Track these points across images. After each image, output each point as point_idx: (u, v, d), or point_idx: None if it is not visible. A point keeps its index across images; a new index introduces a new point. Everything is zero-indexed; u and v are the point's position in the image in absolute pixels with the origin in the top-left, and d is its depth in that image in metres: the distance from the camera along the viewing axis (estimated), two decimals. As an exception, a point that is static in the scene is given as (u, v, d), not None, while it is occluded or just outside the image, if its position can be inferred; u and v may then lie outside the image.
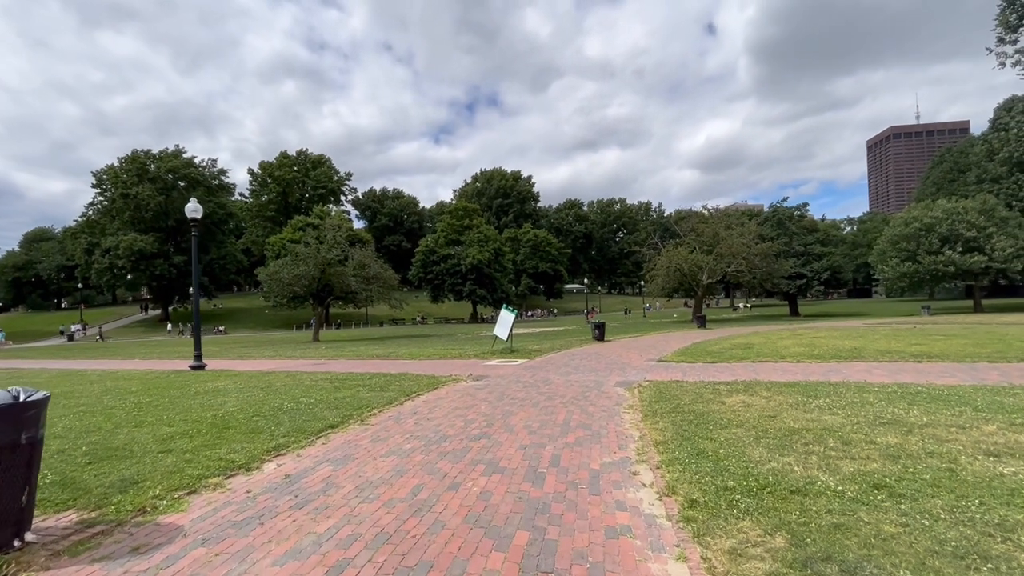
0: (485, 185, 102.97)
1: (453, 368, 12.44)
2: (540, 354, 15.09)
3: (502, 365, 12.76)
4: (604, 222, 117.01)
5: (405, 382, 9.62)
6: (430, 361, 14.59)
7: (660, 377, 9.75)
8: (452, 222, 66.91)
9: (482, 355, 15.25)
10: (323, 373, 11.76)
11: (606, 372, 10.84)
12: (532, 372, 11.21)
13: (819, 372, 9.52)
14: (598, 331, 19.85)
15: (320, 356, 17.88)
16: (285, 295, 34.53)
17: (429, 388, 8.90)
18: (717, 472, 3.88)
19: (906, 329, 19.95)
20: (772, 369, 10.28)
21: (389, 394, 8.14)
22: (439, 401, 7.69)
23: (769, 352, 13.13)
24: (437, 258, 64.05)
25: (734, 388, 7.80)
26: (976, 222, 35.75)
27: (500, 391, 8.57)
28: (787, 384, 7.93)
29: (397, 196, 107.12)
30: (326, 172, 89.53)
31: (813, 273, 46.65)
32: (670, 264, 38.78)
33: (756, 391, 7.40)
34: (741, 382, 8.45)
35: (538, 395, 8.09)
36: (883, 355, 11.53)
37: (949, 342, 13.57)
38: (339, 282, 34.49)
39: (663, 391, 7.90)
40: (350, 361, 15.72)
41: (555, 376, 10.44)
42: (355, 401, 7.51)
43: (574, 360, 13.41)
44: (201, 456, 4.66)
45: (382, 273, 36.17)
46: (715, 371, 10.34)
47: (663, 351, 15.11)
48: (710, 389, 7.80)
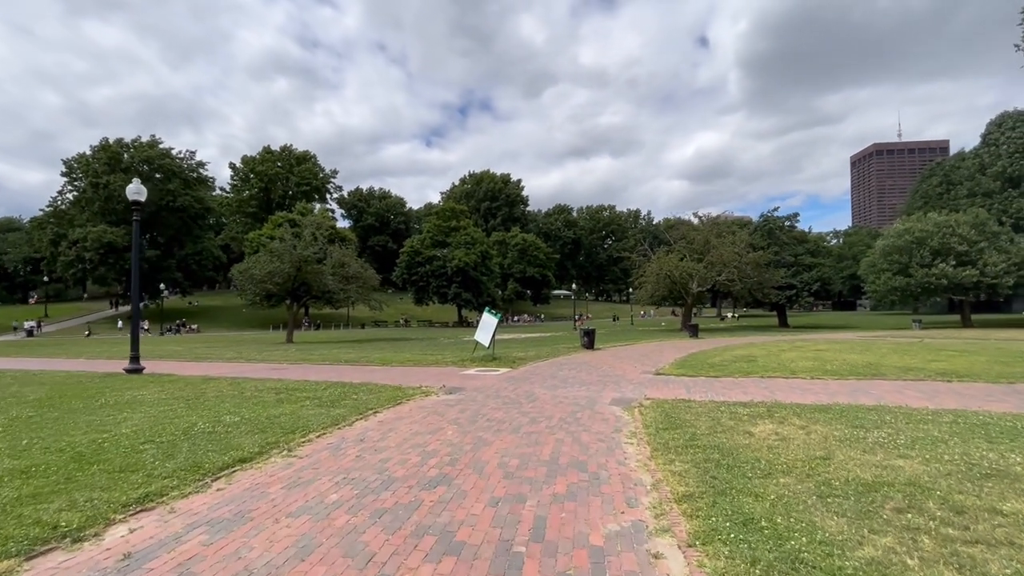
0: (474, 187, 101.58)
1: (426, 377, 10.99)
2: (524, 363, 13.71)
3: (481, 375, 11.35)
4: (593, 228, 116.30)
5: (364, 395, 8.15)
6: (402, 368, 13.11)
7: (662, 394, 8.43)
8: (439, 223, 65.31)
9: (461, 362, 13.82)
10: (274, 381, 10.23)
11: (599, 386, 9.49)
12: (515, 384, 9.81)
13: (843, 392, 8.28)
14: (587, 338, 18.54)
15: (284, 360, 16.27)
16: (258, 293, 32.67)
17: (390, 403, 7.44)
18: (786, 561, 2.53)
19: (909, 343, 19.00)
20: (787, 387, 9.03)
21: (338, 411, 6.67)
22: (398, 422, 6.25)
23: (776, 366, 11.91)
24: (422, 259, 62.37)
25: (755, 412, 6.49)
26: (968, 236, 35.33)
27: (475, 409, 7.15)
28: (817, 408, 6.65)
29: (384, 196, 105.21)
30: (311, 169, 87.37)
31: (803, 284, 46.06)
32: (660, 271, 37.74)
33: (784, 417, 6.09)
34: (760, 404, 7.15)
35: (520, 415, 6.70)
36: (904, 372, 10.37)
37: (968, 359, 12.49)
38: (316, 281, 32.78)
39: (670, 413, 6.57)
40: (314, 366, 14.16)
41: (541, 390, 9.06)
42: (292, 421, 6.03)
43: (562, 371, 12.04)
44: (13, 515, 3.17)
45: (362, 273, 34.53)
46: (722, 388, 9.05)
47: (659, 362, 13.82)
48: (727, 412, 6.48)
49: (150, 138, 61.99)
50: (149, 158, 59.68)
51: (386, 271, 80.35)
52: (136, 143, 60.83)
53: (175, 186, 60.26)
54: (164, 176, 60.48)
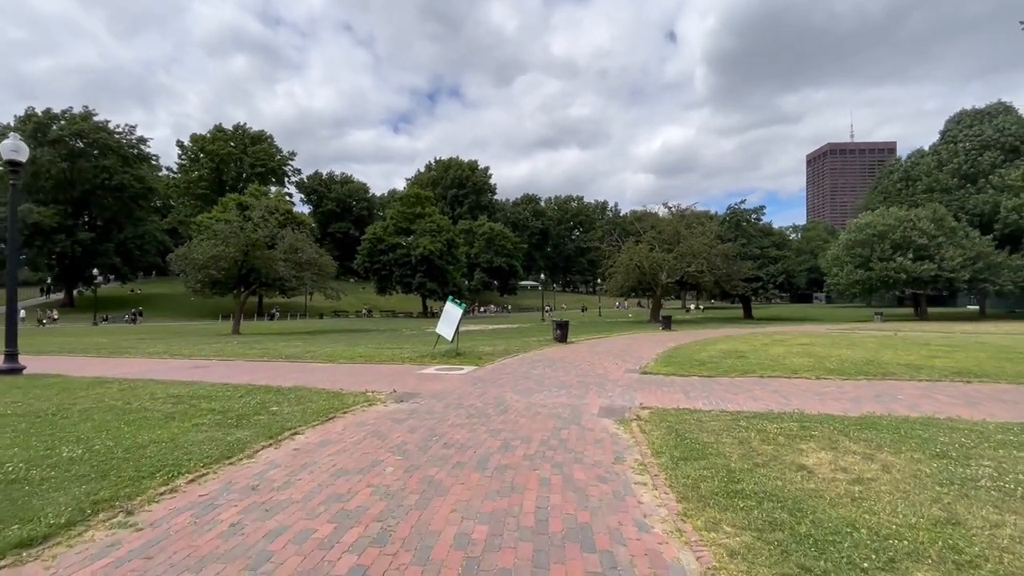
0: (441, 174, 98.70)
1: (376, 378, 9.25)
2: (493, 359, 12.13)
3: (442, 375, 9.70)
4: (561, 219, 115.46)
5: (288, 405, 6.38)
6: (350, 366, 11.30)
7: (658, 400, 7.03)
8: (402, 209, 62.59)
9: (420, 359, 12.12)
10: (183, 385, 8.28)
11: (581, 389, 8.02)
12: (482, 388, 8.22)
13: (867, 397, 7.09)
14: (560, 331, 17.13)
15: (217, 355, 14.12)
16: (199, 280, 29.77)
17: (319, 418, 5.72)
18: None
19: (887, 336, 18.51)
20: (797, 390, 7.79)
21: (241, 434, 4.91)
22: (319, 452, 4.55)
23: (770, 364, 10.77)
24: (385, 247, 59.65)
25: (786, 429, 5.12)
26: (928, 230, 35.94)
27: (429, 426, 5.52)
28: (859, 423, 5.35)
29: (346, 181, 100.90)
30: (266, 150, 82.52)
31: (768, 276, 46.36)
32: (630, 262, 36.92)
33: (831, 438, 4.74)
34: (783, 415, 5.82)
35: (488, 436, 5.12)
36: (915, 371, 9.37)
37: (967, 355, 11.71)
38: (266, 267, 30.17)
39: (679, 431, 5.13)
40: (248, 363, 12.15)
41: (513, 396, 7.50)
42: (162, 454, 4.24)
43: (536, 369, 10.52)
44: None
45: (317, 259, 32.05)
46: (724, 391, 7.73)
47: (641, 358, 12.52)
48: (751, 429, 5.10)
49: (83, 109, 56.51)
50: (81, 131, 54.38)
51: (348, 259, 77.04)
52: (67, 114, 55.32)
53: (112, 163, 55.25)
54: (99, 152, 55.31)
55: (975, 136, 41.28)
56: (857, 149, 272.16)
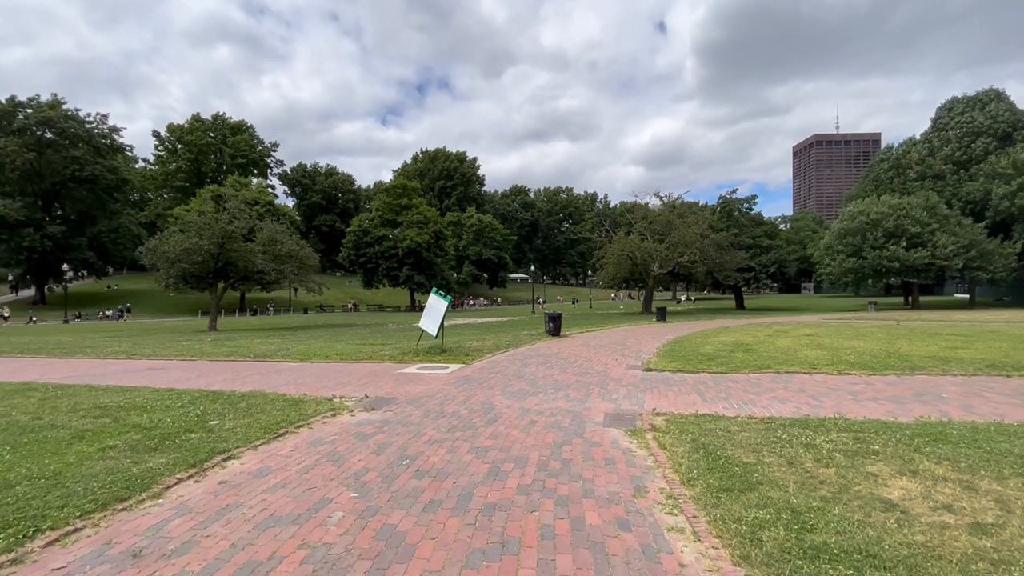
0: (428, 165, 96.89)
1: (349, 380, 8.19)
2: (481, 355, 11.11)
3: (424, 375, 8.67)
4: (551, 211, 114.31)
5: (234, 418, 5.31)
6: (323, 365, 10.22)
7: (670, 403, 6.08)
8: (388, 200, 60.94)
9: (401, 356, 11.07)
10: (120, 391, 7.16)
11: (581, 391, 7.05)
12: (467, 390, 7.20)
13: (908, 396, 6.20)
14: (553, 324, 16.16)
15: (182, 354, 12.93)
16: (172, 275, 28.28)
17: (265, 437, 4.66)
18: None
19: (892, 326, 17.81)
20: (824, 388, 6.89)
21: (155, 462, 3.85)
22: (249, 487, 3.51)
23: (783, 358, 9.90)
24: (371, 239, 58.05)
25: (839, 443, 4.19)
26: (921, 218, 35.55)
27: (400, 444, 4.50)
28: (917, 432, 4.43)
29: (331, 173, 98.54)
30: (247, 140, 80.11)
31: (761, 266, 45.87)
32: (622, 252, 36.05)
33: (898, 454, 3.81)
34: (823, 422, 4.90)
35: (472, 457, 4.12)
36: (942, 364, 8.54)
37: (989, 345, 10.95)
38: (243, 260, 28.71)
39: (707, 446, 4.18)
40: (212, 363, 11.01)
41: (503, 400, 6.50)
42: (28, 499, 3.16)
43: (528, 366, 9.53)
44: None
45: (297, 251, 30.63)
46: (743, 391, 6.81)
47: (641, 352, 11.59)
48: (795, 442, 4.16)
49: (51, 97, 53.97)
50: (49, 120, 51.90)
51: (334, 252, 75.33)
52: (33, 102, 52.79)
53: (82, 153, 52.86)
54: (69, 142, 52.89)
55: (967, 123, 40.91)
56: (843, 140, 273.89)
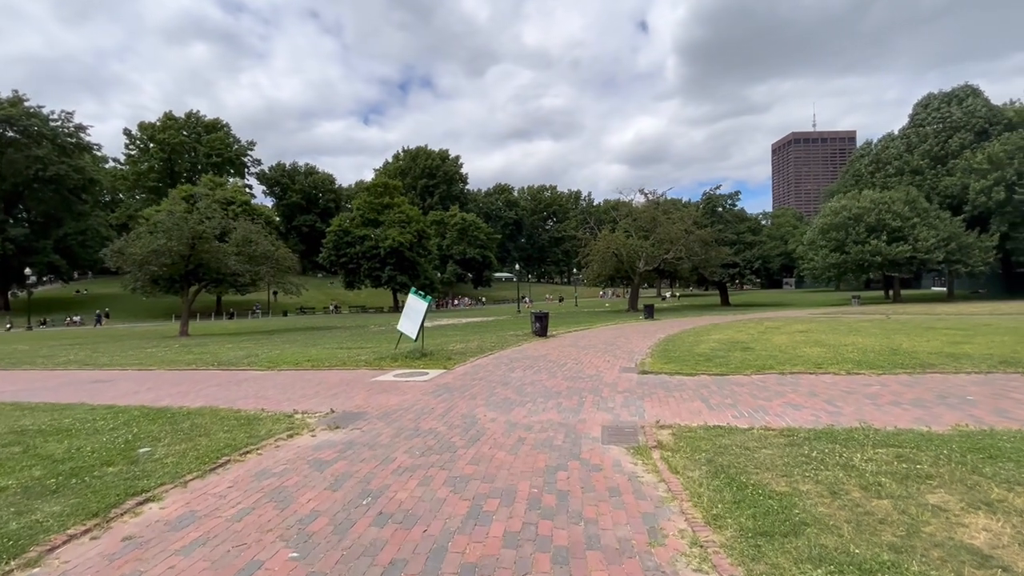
0: (409, 164, 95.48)
1: (317, 391, 7.40)
2: (464, 359, 10.38)
3: (401, 383, 7.92)
4: (535, 209, 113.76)
5: (167, 445, 4.51)
6: (293, 373, 9.39)
7: (674, 413, 5.45)
8: (369, 200, 59.66)
9: (379, 361, 10.29)
10: (49, 410, 6.27)
11: (574, 399, 6.39)
12: (448, 400, 6.49)
13: (928, 398, 5.68)
14: (539, 324, 15.50)
15: (137, 363, 11.95)
16: (139, 278, 26.94)
17: (201, 469, 3.89)
18: None
19: (884, 320, 17.58)
20: (835, 390, 6.34)
21: (45, 511, 3.06)
22: (160, 546, 2.76)
23: (783, 356, 9.38)
24: (352, 239, 56.73)
25: (881, 463, 3.58)
26: (902, 212, 35.80)
27: (363, 476, 3.77)
28: (967, 446, 3.84)
29: (310, 172, 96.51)
30: (222, 139, 77.97)
31: (745, 262, 45.94)
32: (607, 249, 35.66)
33: (957, 476, 3.21)
34: (852, 434, 4.31)
35: (449, 491, 3.41)
36: (953, 361, 8.08)
37: (993, 339, 10.58)
38: (215, 261, 27.47)
39: (727, 468, 3.54)
40: (168, 373, 10.10)
41: (487, 412, 5.80)
42: None
43: (515, 371, 8.84)
44: None
45: (273, 251, 29.43)
46: (751, 396, 6.22)
47: (633, 352, 10.99)
48: (831, 463, 3.54)
49: (12, 94, 51.53)
50: (10, 117, 49.56)
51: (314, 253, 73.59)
52: (-8, 99, 50.34)
53: (46, 152, 50.59)
54: (31, 140, 50.57)
55: (944, 119, 41.40)
56: (820, 138, 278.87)
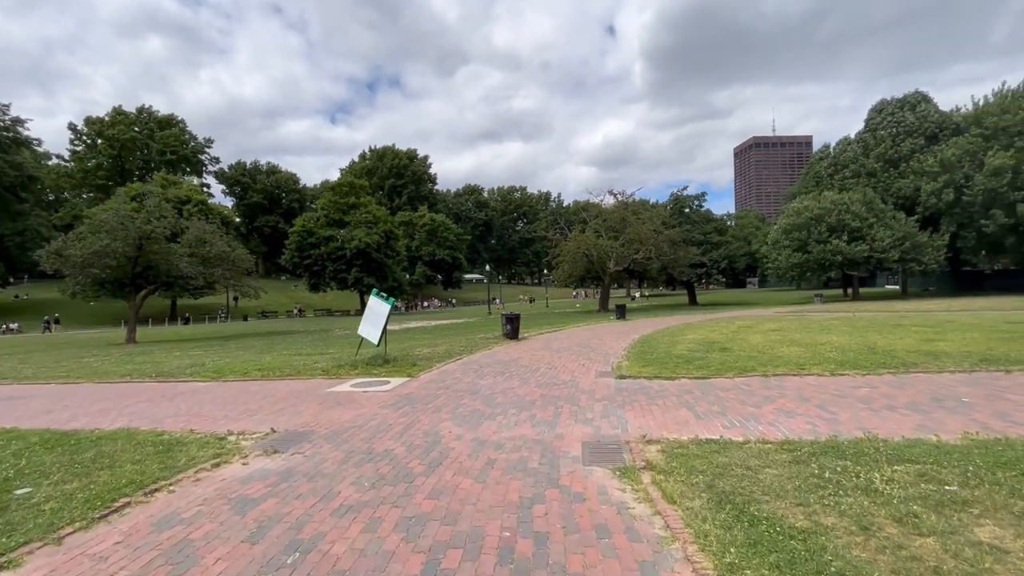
0: (376, 163, 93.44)
1: (262, 405, 6.57)
2: (430, 365, 9.68)
3: (358, 395, 7.16)
4: (505, 210, 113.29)
5: (52, 485, 3.68)
6: (239, 385, 8.48)
7: (659, 424, 4.93)
8: (334, 199, 57.81)
9: (337, 369, 9.47)
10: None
11: (548, 409, 5.80)
12: (409, 414, 5.80)
13: (921, 401, 5.36)
14: (510, 326, 14.90)
15: (65, 375, 10.71)
16: (80, 281, 24.98)
17: (95, 511, 3.11)
18: None
19: (852, 318, 17.75)
20: (825, 394, 5.97)
21: None
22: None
23: (763, 357, 9.06)
24: (316, 240, 54.82)
25: (906, 485, 3.12)
26: (860, 213, 36.97)
27: (296, 518, 3.06)
28: (993, 460, 3.45)
29: (272, 171, 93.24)
30: (177, 135, 74.37)
31: (712, 261, 46.63)
32: (577, 249, 35.49)
33: (999, 501, 2.76)
34: (860, 446, 3.87)
35: (399, 539, 2.75)
36: (933, 360, 7.91)
37: (966, 336, 10.59)
38: (165, 263, 25.74)
39: (731, 495, 3.02)
40: (95, 387, 9.00)
41: (452, 428, 5.14)
42: None
43: (485, 378, 8.20)
44: None
45: (229, 252, 27.81)
46: (738, 402, 5.78)
47: (608, 354, 10.52)
48: (851, 486, 3.06)
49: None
50: (-65, 109, 45.78)
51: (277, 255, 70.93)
52: (-86, 88, 46.34)
53: (-23, 147, 47.00)
54: (-40, 134, 46.87)
55: (897, 123, 43.07)
56: (779, 142, 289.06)
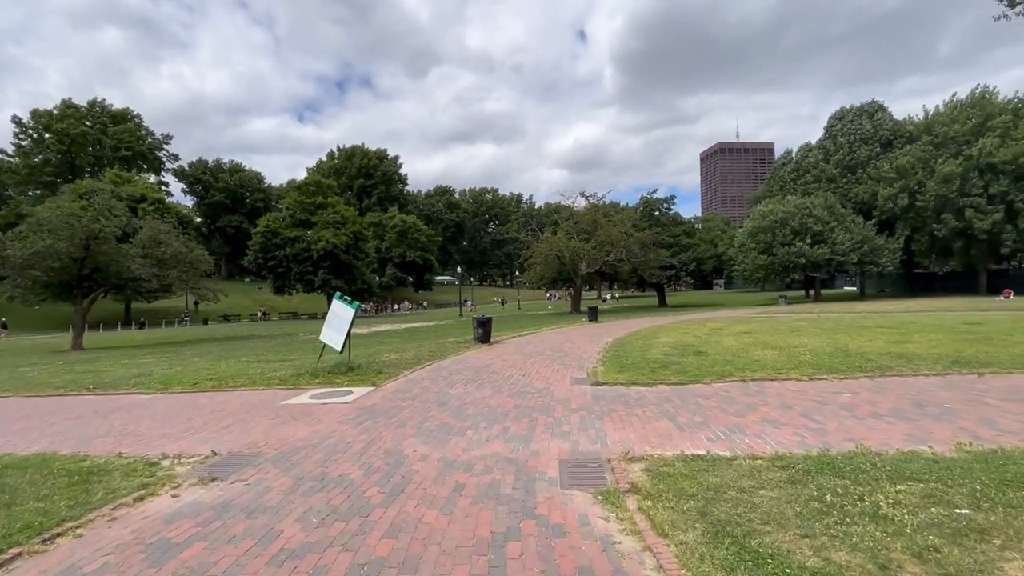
0: (345, 163, 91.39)
1: (206, 423, 5.96)
2: (397, 373, 9.17)
3: (317, 407, 6.62)
4: (476, 211, 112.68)
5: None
6: (186, 397, 7.79)
7: (641, 437, 4.62)
8: (301, 199, 56.09)
9: (295, 379, 8.85)
10: None
11: (523, 422, 5.42)
12: (370, 430, 5.31)
13: (905, 407, 5.21)
14: (482, 330, 14.47)
15: (-13, 388, 9.70)
16: (21, 285, 23.27)
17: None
18: None
19: (817, 319, 18.05)
20: (807, 401, 5.79)
21: None
22: None
23: (738, 361, 8.93)
24: (281, 241, 53.05)
25: (910, 505, 2.86)
26: (822, 216, 38.16)
27: (224, 571, 2.59)
28: (991, 474, 3.24)
29: (236, 169, 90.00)
30: (132, 130, 70.91)
31: (681, 264, 47.34)
32: (549, 251, 35.40)
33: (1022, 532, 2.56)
34: (855, 462, 3.64)
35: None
36: (905, 362, 7.90)
37: (929, 337, 10.75)
38: (115, 264, 24.23)
39: (730, 528, 2.71)
40: (20, 401, 8.13)
41: (417, 446, 4.70)
42: None
43: (455, 386, 7.76)
44: None
45: (186, 253, 26.42)
46: (720, 411, 5.53)
47: (583, 359, 10.23)
48: (858, 511, 2.78)
49: None
50: None
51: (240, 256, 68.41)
52: None
53: (-95, 139, 43.48)
54: None
55: (856, 130, 44.73)
56: (743, 148, 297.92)
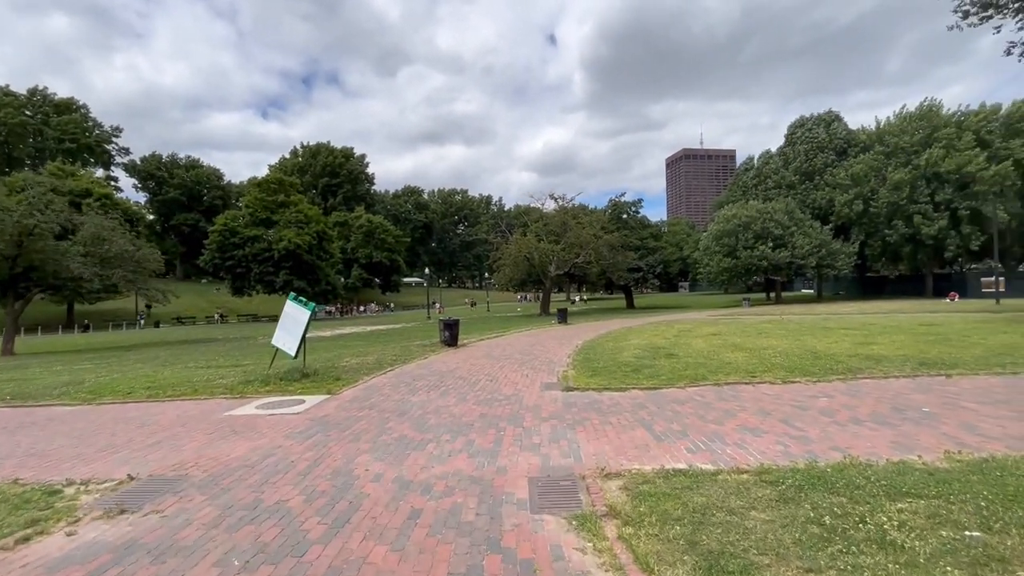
0: (309, 161, 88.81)
1: (131, 439, 5.27)
2: (356, 379, 8.57)
3: (263, 419, 6.00)
4: (445, 213, 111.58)
5: None
6: (115, 408, 6.99)
7: (616, 449, 4.26)
8: (261, 197, 53.97)
9: (243, 387, 8.14)
10: None
11: (489, 433, 4.98)
12: (318, 447, 4.77)
13: (884, 411, 5.05)
14: (449, 333, 13.95)
15: None
16: (-59, 283, 21.35)
17: None
18: None
19: (779, 320, 18.35)
20: (784, 406, 5.59)
21: None
22: None
23: (710, 364, 8.76)
24: (240, 240, 50.87)
25: (917, 527, 2.58)
26: (782, 221, 39.29)
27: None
28: (990, 487, 3.01)
29: (192, 165, 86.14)
30: (77, 121, 66.81)
31: (648, 266, 47.94)
32: (519, 253, 35.13)
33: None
34: (846, 476, 3.37)
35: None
36: (874, 364, 7.88)
37: (895, 339, 10.91)
38: (52, 263, 22.50)
39: (722, 561, 2.36)
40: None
41: (370, 463, 4.20)
42: None
43: (417, 393, 7.25)
44: None
45: (132, 252, 24.76)
46: (698, 418, 5.25)
47: (553, 363, 9.88)
48: (857, 536, 2.47)
49: None
50: None
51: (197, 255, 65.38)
52: None
53: None
54: None
55: (813, 139, 46.39)
56: (706, 155, 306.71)
